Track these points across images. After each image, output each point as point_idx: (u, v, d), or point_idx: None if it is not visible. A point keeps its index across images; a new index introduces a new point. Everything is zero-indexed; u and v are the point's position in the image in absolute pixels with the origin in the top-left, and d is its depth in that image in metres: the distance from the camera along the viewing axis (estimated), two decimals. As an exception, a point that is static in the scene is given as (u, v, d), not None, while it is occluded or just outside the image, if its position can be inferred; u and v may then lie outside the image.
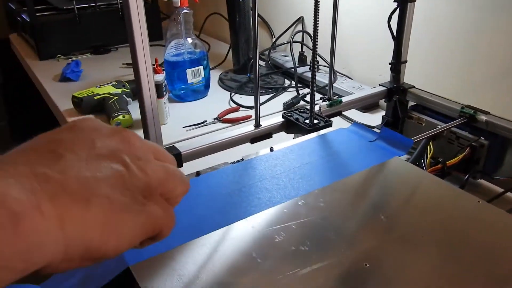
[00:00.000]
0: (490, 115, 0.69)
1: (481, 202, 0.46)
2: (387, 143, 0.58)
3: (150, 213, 0.24)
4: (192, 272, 0.37)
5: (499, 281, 0.36)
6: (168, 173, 0.26)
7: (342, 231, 0.42)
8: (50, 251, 0.20)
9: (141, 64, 0.53)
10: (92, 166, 0.23)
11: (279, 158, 0.55)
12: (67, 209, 0.21)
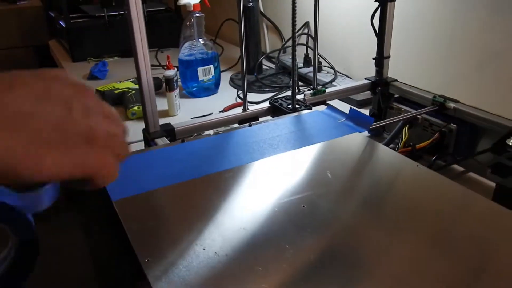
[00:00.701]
0: (459, 103, 0.75)
1: (419, 166, 0.53)
2: (353, 123, 0.65)
3: (79, 156, 0.26)
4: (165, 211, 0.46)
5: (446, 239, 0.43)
6: (110, 131, 0.28)
7: (294, 186, 0.50)
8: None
9: (138, 44, 0.63)
10: (36, 104, 0.25)
11: (254, 131, 0.64)
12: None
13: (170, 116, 1.08)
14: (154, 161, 0.56)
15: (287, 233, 0.41)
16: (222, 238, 0.41)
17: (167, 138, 0.68)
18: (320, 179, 0.51)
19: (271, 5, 1.50)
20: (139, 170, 0.54)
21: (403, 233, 0.41)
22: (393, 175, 0.52)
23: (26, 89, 0.25)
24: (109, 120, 0.29)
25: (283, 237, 0.40)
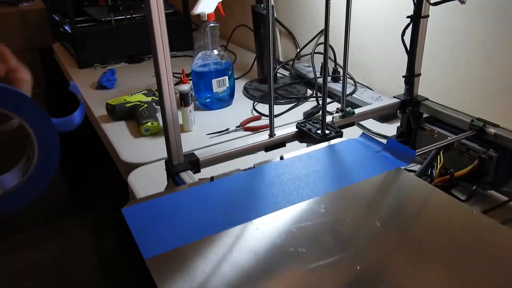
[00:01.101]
0: (499, 128, 0.70)
1: (474, 213, 0.49)
2: (392, 154, 0.61)
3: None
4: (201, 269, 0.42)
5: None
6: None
7: (339, 235, 0.46)
8: None
9: (163, 76, 0.58)
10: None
11: (288, 166, 0.59)
12: None
13: (185, 132, 1.04)
14: (184, 205, 0.52)
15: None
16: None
17: (192, 170, 0.64)
18: (369, 230, 0.47)
19: (283, 11, 1.45)
20: (170, 217, 0.49)
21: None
22: (447, 223, 0.48)
23: None
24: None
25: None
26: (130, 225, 0.48)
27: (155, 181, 0.80)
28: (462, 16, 0.89)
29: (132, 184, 0.85)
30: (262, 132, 1.02)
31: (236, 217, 0.49)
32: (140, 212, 0.51)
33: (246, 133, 1.03)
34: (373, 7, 1.10)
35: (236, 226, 0.48)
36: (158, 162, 0.91)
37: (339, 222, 0.48)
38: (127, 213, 0.50)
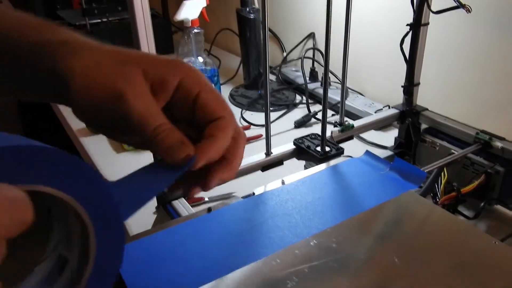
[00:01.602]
0: (506, 142, 0.67)
1: (497, 244, 0.45)
2: (400, 175, 0.57)
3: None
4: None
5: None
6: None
7: (354, 276, 0.42)
8: None
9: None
10: None
11: (291, 192, 0.55)
12: None
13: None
14: (181, 244, 0.46)
15: None
16: None
17: (185, 197, 0.58)
18: (388, 268, 0.42)
19: (270, 14, 1.40)
20: (166, 260, 0.44)
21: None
22: (474, 259, 0.44)
23: None
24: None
25: None
26: (123, 273, 0.42)
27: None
28: (464, 25, 0.85)
29: (117, 207, 0.78)
30: (255, 144, 0.98)
31: (241, 256, 0.44)
32: (132, 254, 0.45)
33: (236, 145, 0.98)
34: (368, 12, 1.06)
35: (241, 268, 0.43)
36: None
37: (354, 259, 0.44)
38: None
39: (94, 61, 0.31)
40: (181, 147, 0.31)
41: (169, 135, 0.31)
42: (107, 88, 0.30)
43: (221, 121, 0.33)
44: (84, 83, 0.30)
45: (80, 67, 0.30)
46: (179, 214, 0.55)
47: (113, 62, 0.31)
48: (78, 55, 0.31)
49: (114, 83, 0.30)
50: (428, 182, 0.68)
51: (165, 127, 0.31)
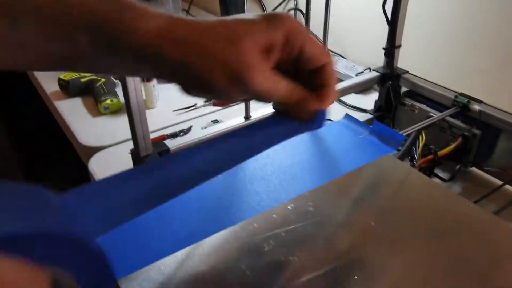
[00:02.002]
0: (483, 105, 0.68)
1: (471, 206, 0.46)
2: (378, 139, 0.57)
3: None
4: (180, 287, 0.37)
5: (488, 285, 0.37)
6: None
7: (331, 239, 0.42)
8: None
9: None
10: None
11: (270, 156, 0.54)
12: None
13: (149, 109, 0.96)
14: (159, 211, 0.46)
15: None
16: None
17: (162, 162, 0.57)
18: (364, 231, 0.43)
19: (249, -30, 1.35)
20: (143, 227, 0.44)
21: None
22: (449, 220, 0.45)
23: None
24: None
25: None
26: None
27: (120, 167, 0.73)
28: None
29: (94, 171, 0.77)
30: (234, 107, 0.96)
31: (218, 221, 0.44)
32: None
33: (215, 108, 0.96)
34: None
35: (219, 232, 0.43)
36: (122, 144, 0.84)
37: (331, 223, 0.44)
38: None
39: (216, 38, 0.30)
40: (305, 103, 0.34)
41: (292, 96, 0.34)
42: (234, 77, 0.31)
43: (327, 67, 0.34)
44: (213, 69, 0.30)
45: (209, 50, 0.30)
46: (156, 179, 0.54)
47: (227, 42, 0.30)
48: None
49: (239, 71, 0.30)
50: (406, 145, 0.69)
51: (287, 92, 0.33)
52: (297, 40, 0.33)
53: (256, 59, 0.31)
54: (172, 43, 0.30)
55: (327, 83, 0.35)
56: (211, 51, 0.30)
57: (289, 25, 0.32)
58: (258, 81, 0.31)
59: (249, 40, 0.31)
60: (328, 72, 0.35)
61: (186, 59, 0.30)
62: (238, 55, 0.30)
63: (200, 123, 0.91)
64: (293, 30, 0.32)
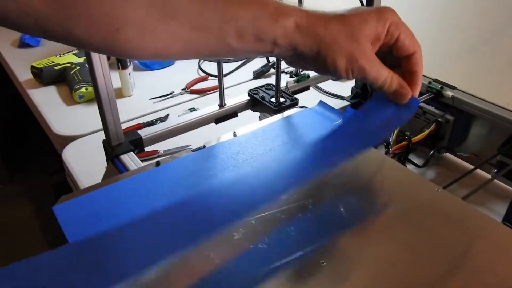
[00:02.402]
0: (456, 90, 0.68)
1: (439, 191, 0.46)
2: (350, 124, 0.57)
3: None
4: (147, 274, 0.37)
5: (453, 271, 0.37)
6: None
7: (300, 226, 0.42)
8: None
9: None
10: None
11: (242, 144, 0.54)
12: None
13: (124, 97, 0.95)
14: (127, 199, 0.45)
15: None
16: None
17: (134, 151, 0.57)
18: (334, 218, 0.43)
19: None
20: (111, 216, 0.43)
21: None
22: (418, 206, 0.45)
23: None
24: None
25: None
26: (64, 229, 0.41)
27: (94, 157, 0.72)
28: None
29: (68, 161, 0.76)
30: (211, 95, 0.95)
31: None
32: (76, 212, 0.44)
33: (193, 96, 0.95)
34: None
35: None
36: (97, 133, 0.83)
37: (301, 209, 0.44)
38: (60, 212, 0.43)
39: (339, 32, 0.38)
40: (402, 90, 0.42)
41: (392, 83, 0.41)
42: (353, 66, 0.39)
43: (416, 55, 0.42)
44: (338, 58, 0.39)
45: (336, 43, 0.38)
46: (127, 168, 0.53)
47: (348, 39, 0.38)
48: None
49: (358, 61, 0.39)
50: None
51: (389, 79, 0.41)
52: (395, 30, 0.40)
53: (369, 50, 0.39)
54: (306, 35, 0.38)
55: (416, 69, 0.42)
56: (335, 43, 0.38)
57: (392, 18, 0.40)
58: (369, 68, 0.39)
59: (364, 35, 0.39)
60: (418, 59, 0.42)
61: (316, 48, 0.38)
62: (356, 47, 0.38)
63: (177, 111, 0.90)
64: (394, 22, 0.40)
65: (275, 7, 0.38)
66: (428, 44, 0.87)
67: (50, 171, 1.91)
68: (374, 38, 0.40)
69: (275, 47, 0.38)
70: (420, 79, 0.43)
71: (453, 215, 0.44)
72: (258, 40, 0.38)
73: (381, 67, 0.40)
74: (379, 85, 0.41)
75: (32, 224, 1.72)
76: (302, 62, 0.41)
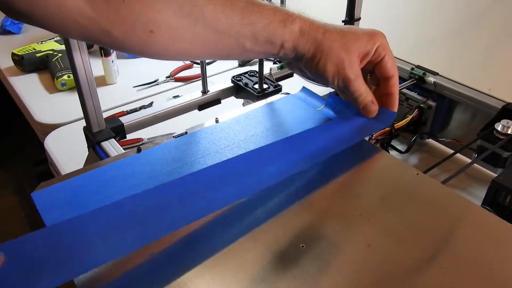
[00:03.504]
0: (438, 76, 0.69)
1: (419, 174, 0.47)
2: (334, 111, 0.57)
3: None
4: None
5: (433, 255, 0.38)
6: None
7: (281, 211, 0.42)
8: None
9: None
10: None
11: (224, 131, 0.54)
12: None
13: (108, 85, 0.94)
14: (107, 186, 0.45)
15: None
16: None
17: (115, 138, 0.56)
18: (315, 204, 0.43)
19: None
20: (91, 203, 0.43)
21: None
22: (397, 190, 0.45)
23: None
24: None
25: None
26: (43, 215, 0.41)
27: (76, 145, 0.71)
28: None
29: (50, 149, 0.75)
30: (196, 83, 0.95)
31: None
32: (55, 198, 0.43)
33: (178, 83, 0.95)
34: None
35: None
36: (79, 121, 0.82)
37: (283, 195, 0.44)
38: (39, 199, 0.43)
39: (334, 41, 0.44)
40: (372, 105, 0.48)
41: (366, 97, 0.47)
42: (340, 73, 0.45)
43: (394, 79, 0.47)
44: (329, 63, 0.44)
45: (330, 50, 0.44)
46: (108, 155, 0.53)
47: (342, 49, 0.44)
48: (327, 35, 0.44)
49: (345, 70, 0.44)
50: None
51: (364, 93, 0.47)
52: (383, 51, 0.46)
53: (356, 64, 0.45)
54: (307, 38, 0.44)
55: (394, 91, 0.48)
56: (330, 50, 0.44)
57: (381, 40, 0.46)
58: (353, 78, 0.45)
59: (355, 49, 0.44)
60: (395, 82, 0.47)
61: (313, 50, 0.44)
62: (346, 57, 0.44)
63: (161, 99, 0.89)
64: (382, 43, 0.46)
65: (285, 14, 0.43)
66: (410, 30, 0.87)
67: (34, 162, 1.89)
68: (364, 54, 0.45)
69: (282, 49, 0.44)
70: (397, 99, 0.48)
71: (432, 198, 0.44)
72: (269, 42, 0.43)
73: (362, 81, 0.46)
74: (355, 96, 0.47)
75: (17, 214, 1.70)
76: (299, 64, 0.46)
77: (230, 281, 0.35)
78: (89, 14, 0.35)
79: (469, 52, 0.80)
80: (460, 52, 0.80)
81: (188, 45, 0.40)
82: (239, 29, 0.41)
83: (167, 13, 0.38)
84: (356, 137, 0.49)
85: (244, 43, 0.42)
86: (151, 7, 0.37)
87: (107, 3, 0.35)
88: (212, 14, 0.39)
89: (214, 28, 0.40)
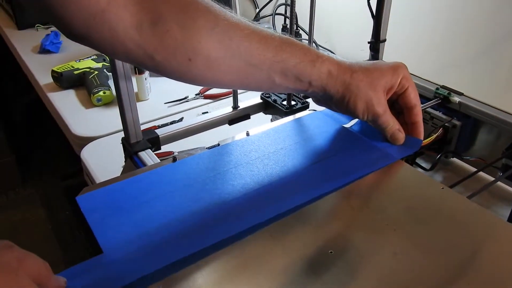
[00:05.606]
0: (463, 96, 0.70)
1: (444, 189, 0.48)
2: (360, 127, 0.59)
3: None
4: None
5: (459, 268, 0.39)
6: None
7: (310, 218, 0.44)
8: None
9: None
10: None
11: (255, 143, 0.56)
12: None
13: (141, 101, 0.98)
14: (145, 191, 0.48)
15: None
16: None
17: (151, 148, 0.59)
18: (343, 214, 0.45)
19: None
20: (131, 206, 0.45)
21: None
22: (423, 203, 0.47)
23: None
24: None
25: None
26: (87, 217, 0.44)
27: (111, 157, 0.75)
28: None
29: (86, 161, 0.79)
30: (223, 101, 0.98)
31: (203, 203, 0.46)
32: (97, 201, 0.46)
33: (207, 101, 0.98)
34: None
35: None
36: (114, 134, 0.86)
37: (312, 204, 0.46)
38: (83, 202, 0.46)
39: (362, 81, 0.48)
40: (399, 133, 0.51)
41: (393, 127, 0.51)
42: (369, 110, 0.49)
43: (417, 108, 0.51)
44: (358, 102, 0.48)
45: (358, 90, 0.48)
46: (145, 164, 0.56)
47: (369, 88, 0.48)
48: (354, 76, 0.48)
49: (373, 107, 0.49)
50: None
51: (391, 123, 0.50)
52: (405, 83, 0.49)
53: (383, 99, 0.49)
54: (335, 80, 0.47)
55: (418, 120, 0.52)
56: (358, 89, 0.47)
57: (404, 73, 0.49)
58: (381, 114, 0.49)
59: (381, 86, 0.48)
60: (418, 111, 0.51)
61: (342, 91, 0.48)
62: (374, 95, 0.48)
63: (191, 115, 0.93)
64: (405, 76, 0.49)
65: (314, 54, 0.46)
66: (436, 51, 0.89)
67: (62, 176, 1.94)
68: (389, 88, 0.49)
69: (310, 87, 0.48)
70: (422, 127, 0.52)
71: (458, 212, 0.45)
72: (298, 79, 0.46)
73: (389, 114, 0.50)
74: (383, 127, 0.51)
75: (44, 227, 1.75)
76: (328, 101, 0.51)
77: (263, 284, 0.37)
78: (136, 39, 0.39)
79: (494, 73, 0.82)
80: (485, 73, 0.81)
81: (223, 75, 0.44)
82: (271, 65, 0.45)
83: (207, 44, 0.41)
84: (383, 163, 0.52)
85: (274, 78, 0.46)
86: (192, 38, 0.41)
87: (153, 31, 0.40)
88: (248, 49, 0.43)
89: (248, 62, 0.44)
